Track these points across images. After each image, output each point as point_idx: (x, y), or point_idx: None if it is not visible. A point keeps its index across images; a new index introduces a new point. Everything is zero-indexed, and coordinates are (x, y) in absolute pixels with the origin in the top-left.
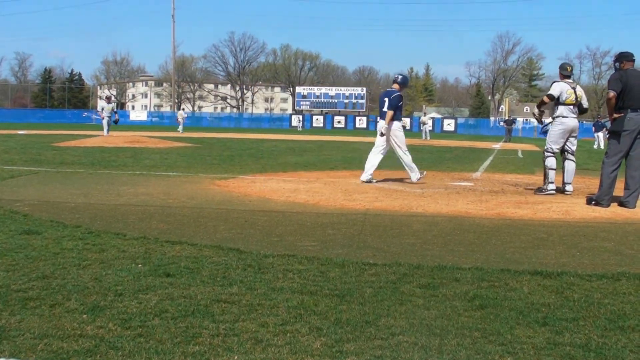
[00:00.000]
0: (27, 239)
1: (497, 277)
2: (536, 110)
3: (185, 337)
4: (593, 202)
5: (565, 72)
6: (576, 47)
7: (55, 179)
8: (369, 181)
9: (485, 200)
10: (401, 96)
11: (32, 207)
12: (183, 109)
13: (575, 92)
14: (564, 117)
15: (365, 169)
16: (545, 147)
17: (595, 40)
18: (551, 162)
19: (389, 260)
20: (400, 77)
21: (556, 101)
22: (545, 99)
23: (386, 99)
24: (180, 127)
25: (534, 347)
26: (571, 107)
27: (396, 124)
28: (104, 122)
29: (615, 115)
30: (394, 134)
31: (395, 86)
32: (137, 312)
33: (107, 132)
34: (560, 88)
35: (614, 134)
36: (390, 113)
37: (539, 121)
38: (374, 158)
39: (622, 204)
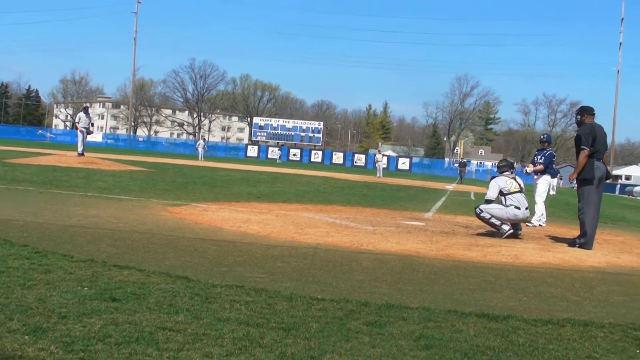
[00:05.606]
0: None
1: (444, 317)
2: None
3: None
4: (577, 245)
5: (503, 169)
6: (533, 94)
7: (5, 196)
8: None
9: (435, 240)
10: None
11: None
12: (203, 138)
13: (515, 179)
14: (516, 207)
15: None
16: (480, 208)
17: (551, 88)
18: (485, 216)
19: (337, 296)
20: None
21: (501, 194)
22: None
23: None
24: (201, 156)
25: None
26: (518, 195)
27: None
28: (80, 138)
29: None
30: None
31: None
32: (80, 336)
33: (82, 151)
34: (497, 186)
35: (586, 182)
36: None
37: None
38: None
39: (581, 245)
